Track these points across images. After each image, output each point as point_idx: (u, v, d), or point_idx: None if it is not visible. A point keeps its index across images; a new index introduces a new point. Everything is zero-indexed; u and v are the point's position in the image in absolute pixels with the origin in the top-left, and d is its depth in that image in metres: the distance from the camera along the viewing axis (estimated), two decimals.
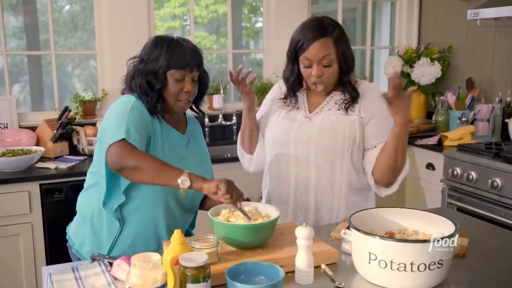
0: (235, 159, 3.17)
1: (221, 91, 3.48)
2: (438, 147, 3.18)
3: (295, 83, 1.83)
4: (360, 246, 1.33)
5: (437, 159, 3.14)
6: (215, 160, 3.07)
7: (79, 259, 1.70)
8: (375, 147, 1.76)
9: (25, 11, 3.57)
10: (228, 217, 1.49)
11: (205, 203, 1.85)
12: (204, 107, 3.48)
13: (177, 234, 1.26)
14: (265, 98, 1.99)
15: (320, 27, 1.70)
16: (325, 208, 1.81)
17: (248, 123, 1.90)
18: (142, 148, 1.56)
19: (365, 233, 1.30)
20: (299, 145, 1.79)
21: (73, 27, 3.70)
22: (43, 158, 2.87)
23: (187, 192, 1.72)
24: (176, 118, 1.79)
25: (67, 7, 3.81)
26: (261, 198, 3.09)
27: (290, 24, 3.76)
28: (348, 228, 1.42)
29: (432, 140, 3.26)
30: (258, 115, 1.95)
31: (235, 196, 1.50)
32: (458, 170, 2.92)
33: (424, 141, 3.29)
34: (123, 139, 1.52)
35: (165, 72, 1.65)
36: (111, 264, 1.43)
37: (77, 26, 3.68)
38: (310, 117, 1.80)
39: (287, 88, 1.86)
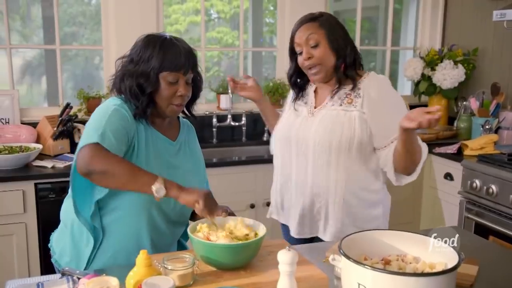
0: (243, 162, 3.07)
1: (229, 91, 3.35)
2: (458, 156, 2.97)
3: (293, 77, 1.86)
4: (349, 276, 1.18)
5: (456, 169, 2.94)
6: (221, 163, 2.97)
7: (59, 269, 1.60)
8: (392, 142, 1.68)
9: (44, 3, 3.50)
10: (208, 234, 1.36)
11: (195, 214, 1.72)
12: (213, 107, 3.42)
13: (142, 254, 1.15)
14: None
15: (307, 16, 1.77)
16: (320, 204, 1.77)
17: (262, 113, 2.07)
18: (119, 154, 1.45)
19: (355, 261, 1.15)
20: (299, 141, 1.78)
21: (98, 20, 3.63)
22: (42, 156, 2.79)
23: (175, 204, 1.61)
24: (168, 124, 1.68)
25: (94, 0, 3.74)
26: (267, 204, 2.98)
27: None
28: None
29: (452, 149, 3.06)
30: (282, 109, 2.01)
31: (213, 209, 1.43)
32: (477, 183, 2.72)
33: (443, 149, 3.09)
34: (97, 143, 1.41)
35: (157, 74, 1.53)
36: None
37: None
38: (313, 112, 1.79)
39: (290, 86, 1.90)
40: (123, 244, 1.56)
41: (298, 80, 1.87)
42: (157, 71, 1.53)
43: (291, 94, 1.95)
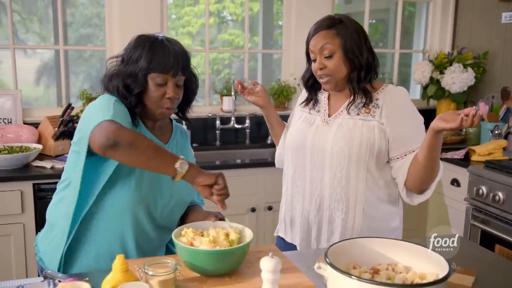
0: (246, 165, 3.03)
1: (232, 93, 3.32)
2: (464, 162, 2.90)
3: (309, 81, 1.77)
4: (335, 285, 1.14)
5: (463, 175, 2.87)
6: (222, 166, 2.93)
7: (42, 268, 1.60)
8: (405, 155, 1.62)
9: (55, 5, 3.51)
10: (192, 239, 1.32)
11: (186, 219, 1.68)
12: (216, 109, 3.39)
13: (119, 259, 1.12)
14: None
15: (327, 20, 1.66)
16: (339, 218, 1.68)
17: (266, 120, 1.93)
18: None
19: (341, 271, 1.11)
20: (314, 151, 1.69)
21: None
22: (43, 156, 2.78)
23: (163, 208, 1.57)
24: (160, 126, 1.64)
25: None
26: (268, 208, 2.94)
27: (311, 24, 3.59)
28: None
29: (458, 154, 2.98)
30: (289, 118, 1.92)
31: (227, 194, 1.44)
32: (483, 189, 2.64)
33: (449, 155, 3.02)
34: (111, 120, 1.36)
35: (146, 76, 1.50)
36: None
37: None
38: (328, 121, 1.71)
39: (306, 89, 1.81)
40: (107, 246, 1.52)
41: (315, 83, 1.77)
42: (145, 72, 1.49)
43: (299, 100, 1.87)
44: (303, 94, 1.85)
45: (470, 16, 3.72)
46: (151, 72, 1.50)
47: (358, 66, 1.63)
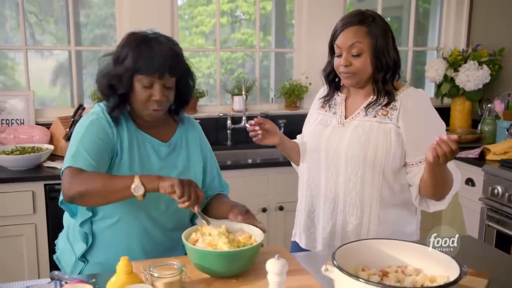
0: (257, 165, 3.01)
1: (243, 92, 3.30)
2: (479, 161, 2.85)
3: (330, 75, 1.72)
4: None
5: (478, 174, 2.82)
6: (233, 166, 2.91)
7: (59, 266, 1.64)
8: (420, 162, 1.57)
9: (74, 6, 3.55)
10: (197, 240, 1.31)
11: (210, 211, 1.64)
12: (227, 109, 3.37)
13: (123, 261, 1.11)
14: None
15: (358, 16, 1.59)
16: (353, 224, 1.64)
17: (285, 153, 1.84)
18: (99, 168, 1.42)
19: (348, 273, 1.08)
20: (329, 153, 1.65)
21: None
22: (54, 157, 2.79)
23: (165, 210, 1.55)
24: (162, 124, 1.60)
25: None
26: (279, 208, 2.92)
27: (324, 23, 3.52)
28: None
29: (473, 153, 2.93)
30: (306, 119, 1.87)
31: (193, 198, 1.33)
32: (499, 189, 2.59)
33: (464, 154, 2.97)
34: (69, 167, 1.41)
35: (131, 77, 1.45)
36: None
37: None
38: (344, 123, 1.65)
39: (326, 83, 1.76)
40: (112, 251, 1.52)
41: (336, 78, 1.72)
42: (130, 74, 1.45)
43: (315, 102, 1.82)
44: (322, 92, 1.80)
45: (486, 12, 3.65)
46: (136, 73, 1.45)
47: (384, 67, 1.58)
